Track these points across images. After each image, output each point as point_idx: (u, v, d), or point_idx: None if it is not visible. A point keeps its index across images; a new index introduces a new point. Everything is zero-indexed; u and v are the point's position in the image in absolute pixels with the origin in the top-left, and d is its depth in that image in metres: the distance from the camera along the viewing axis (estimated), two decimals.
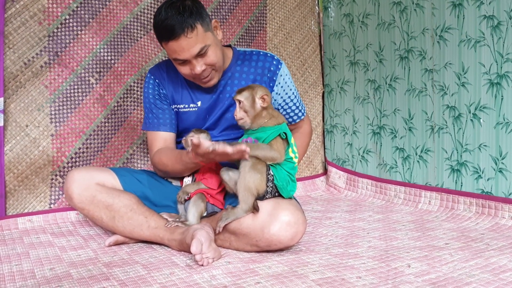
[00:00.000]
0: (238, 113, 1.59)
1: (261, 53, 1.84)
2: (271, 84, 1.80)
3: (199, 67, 1.64)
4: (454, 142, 2.12)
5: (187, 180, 1.74)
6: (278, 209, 1.50)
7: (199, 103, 1.80)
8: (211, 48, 1.65)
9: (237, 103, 1.59)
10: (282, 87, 1.82)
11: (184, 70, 1.68)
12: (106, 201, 1.68)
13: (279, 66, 1.81)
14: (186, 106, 1.82)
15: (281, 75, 1.81)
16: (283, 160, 1.57)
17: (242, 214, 1.52)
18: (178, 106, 1.83)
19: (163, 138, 1.83)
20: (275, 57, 1.83)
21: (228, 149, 1.46)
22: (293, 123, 1.95)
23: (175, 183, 1.84)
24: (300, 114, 1.94)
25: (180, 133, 1.86)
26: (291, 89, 1.86)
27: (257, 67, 1.81)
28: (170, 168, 1.75)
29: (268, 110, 1.59)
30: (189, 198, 1.67)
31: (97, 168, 1.83)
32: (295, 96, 1.89)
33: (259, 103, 1.58)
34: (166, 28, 1.59)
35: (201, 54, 1.63)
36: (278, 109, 1.86)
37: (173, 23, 1.57)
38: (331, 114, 2.80)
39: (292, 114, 1.91)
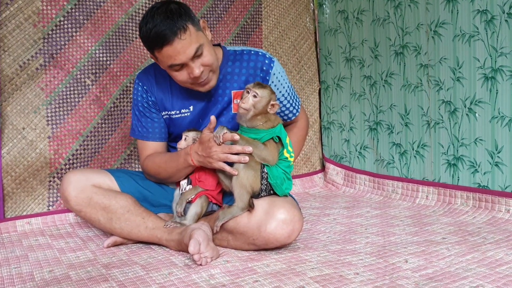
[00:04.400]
0: (248, 103, 1.54)
1: (252, 51, 1.77)
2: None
3: (197, 69, 1.58)
4: (450, 136, 2.13)
5: (184, 183, 1.72)
6: (274, 207, 1.50)
7: (191, 108, 1.75)
8: (206, 47, 1.60)
9: (251, 94, 1.54)
10: (275, 85, 1.78)
11: (181, 76, 1.62)
12: (103, 202, 1.67)
13: (272, 65, 1.75)
14: (178, 112, 1.76)
15: (274, 74, 1.76)
16: (276, 163, 1.56)
17: (239, 212, 1.53)
18: (170, 112, 1.77)
19: (153, 148, 1.79)
20: (267, 55, 1.77)
21: (236, 136, 1.50)
22: (288, 120, 1.92)
23: (172, 185, 1.83)
24: (294, 111, 1.90)
25: (175, 138, 1.82)
26: (284, 87, 1.81)
27: (249, 68, 1.75)
28: (163, 171, 1.72)
29: (268, 114, 1.59)
30: (193, 201, 1.65)
31: (93, 169, 1.82)
32: (289, 94, 1.84)
33: (269, 107, 1.57)
34: (157, 35, 1.53)
35: (197, 55, 1.57)
36: None
37: (164, 28, 1.52)
38: (327, 111, 2.80)
39: (286, 112, 1.88)
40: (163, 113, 1.78)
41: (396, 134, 2.39)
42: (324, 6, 2.76)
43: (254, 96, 1.54)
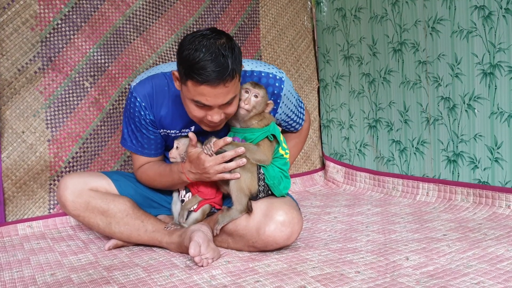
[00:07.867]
0: (250, 104, 1.52)
1: (263, 73, 1.63)
2: (274, 107, 1.65)
3: (217, 115, 1.46)
4: (450, 133, 2.13)
5: (183, 192, 1.70)
6: (272, 209, 1.49)
7: (192, 128, 1.65)
8: (236, 98, 1.48)
9: (251, 94, 1.52)
10: (286, 105, 1.69)
11: (197, 113, 1.47)
12: (101, 207, 1.65)
13: (282, 86, 1.64)
14: (177, 131, 1.67)
15: (284, 95, 1.66)
16: (270, 162, 1.56)
17: (237, 215, 1.53)
18: (168, 131, 1.67)
19: (147, 160, 1.73)
20: (277, 77, 1.63)
21: (228, 139, 1.47)
22: (294, 131, 1.88)
23: None
24: (300, 121, 1.84)
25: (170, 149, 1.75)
26: (292, 102, 1.72)
27: None
28: (158, 183, 1.70)
29: (263, 112, 1.58)
30: (195, 211, 1.64)
31: (90, 173, 1.79)
32: (295, 107, 1.76)
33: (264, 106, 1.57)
34: (203, 70, 1.36)
35: (226, 103, 1.45)
36: (280, 124, 1.78)
37: (213, 68, 1.36)
38: (327, 109, 2.80)
39: (293, 123, 1.82)
40: (161, 130, 1.68)
41: (395, 131, 2.39)
42: (321, 4, 2.76)
43: (255, 97, 1.53)
